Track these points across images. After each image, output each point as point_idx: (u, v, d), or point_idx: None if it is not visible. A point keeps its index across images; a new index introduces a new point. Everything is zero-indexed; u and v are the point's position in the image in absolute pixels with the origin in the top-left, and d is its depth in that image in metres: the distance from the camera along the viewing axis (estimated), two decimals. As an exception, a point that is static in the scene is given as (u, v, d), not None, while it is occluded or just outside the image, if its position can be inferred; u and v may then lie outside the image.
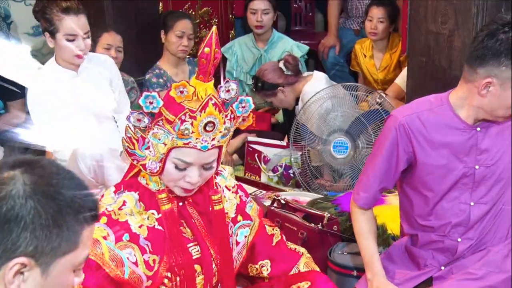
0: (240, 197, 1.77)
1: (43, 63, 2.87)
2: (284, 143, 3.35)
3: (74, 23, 2.55)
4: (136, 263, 1.55)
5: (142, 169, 1.56)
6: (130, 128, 1.52)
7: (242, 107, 1.56)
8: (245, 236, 1.74)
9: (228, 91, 1.52)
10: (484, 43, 1.71)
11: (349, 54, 4.18)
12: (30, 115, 2.65)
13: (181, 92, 1.46)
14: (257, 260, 1.80)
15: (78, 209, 1.01)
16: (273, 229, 1.86)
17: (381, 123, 2.83)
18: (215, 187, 1.69)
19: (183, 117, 1.46)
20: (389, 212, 2.45)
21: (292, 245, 1.88)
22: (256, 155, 3.30)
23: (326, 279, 1.79)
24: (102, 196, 1.62)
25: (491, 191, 1.88)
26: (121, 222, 1.55)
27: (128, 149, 1.55)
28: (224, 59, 4.09)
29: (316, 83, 3.23)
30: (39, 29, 3.83)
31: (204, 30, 4.38)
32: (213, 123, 1.49)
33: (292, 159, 3.17)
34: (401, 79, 3.46)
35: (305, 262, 1.83)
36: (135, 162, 1.56)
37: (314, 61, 4.60)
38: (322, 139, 3.04)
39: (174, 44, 3.50)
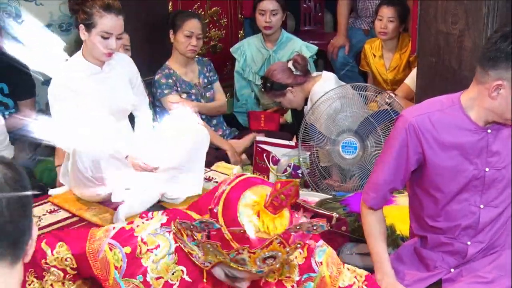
0: (307, 248, 1.61)
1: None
2: (292, 143, 3.34)
3: (113, 23, 2.57)
4: None
5: (188, 254, 1.45)
6: (179, 224, 1.39)
7: (314, 229, 1.38)
8: None
9: (300, 226, 1.35)
10: (497, 45, 1.70)
11: (359, 54, 4.17)
12: (49, 105, 2.66)
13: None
14: None
15: None
16: (355, 276, 1.66)
17: (391, 124, 2.82)
18: None
19: (240, 251, 1.33)
20: (398, 213, 2.44)
21: None
22: (264, 155, 3.30)
23: None
24: (152, 216, 1.55)
25: (501, 194, 1.86)
26: (141, 264, 1.48)
27: (177, 234, 1.44)
28: (233, 59, 4.09)
29: (325, 83, 3.22)
30: (49, 29, 3.85)
31: (214, 30, 4.38)
32: (275, 257, 1.35)
33: (300, 159, 3.16)
34: (411, 79, 3.45)
35: None
36: (181, 246, 1.45)
37: (323, 61, 4.59)
38: (331, 139, 3.04)
39: (183, 44, 3.50)
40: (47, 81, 3.09)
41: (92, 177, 2.56)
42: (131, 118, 2.96)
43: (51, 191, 2.89)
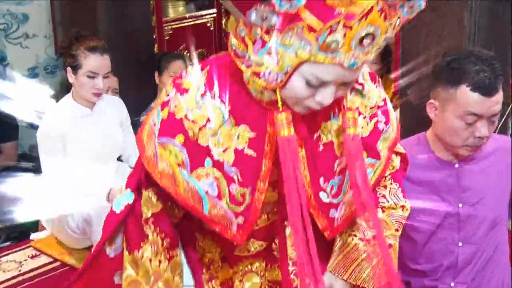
0: (376, 123, 1.35)
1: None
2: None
3: (98, 62, 2.60)
4: (219, 196, 1.26)
5: (253, 76, 1.15)
6: (245, 26, 1.11)
7: (409, 7, 1.09)
8: None
9: None
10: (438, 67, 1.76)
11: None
12: (38, 148, 2.63)
13: None
14: None
15: None
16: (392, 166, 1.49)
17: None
18: (347, 103, 1.26)
19: (334, 26, 1.03)
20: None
21: (382, 191, 1.49)
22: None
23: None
24: (180, 77, 1.27)
25: (478, 230, 1.84)
26: (201, 146, 1.24)
27: (236, 50, 1.15)
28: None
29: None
30: (35, 71, 3.88)
31: (199, 71, 4.41)
32: (373, 35, 1.06)
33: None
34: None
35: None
36: (243, 66, 1.15)
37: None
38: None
39: (169, 85, 3.51)
40: (31, 125, 3.07)
41: (79, 234, 2.55)
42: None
43: (33, 235, 2.85)
